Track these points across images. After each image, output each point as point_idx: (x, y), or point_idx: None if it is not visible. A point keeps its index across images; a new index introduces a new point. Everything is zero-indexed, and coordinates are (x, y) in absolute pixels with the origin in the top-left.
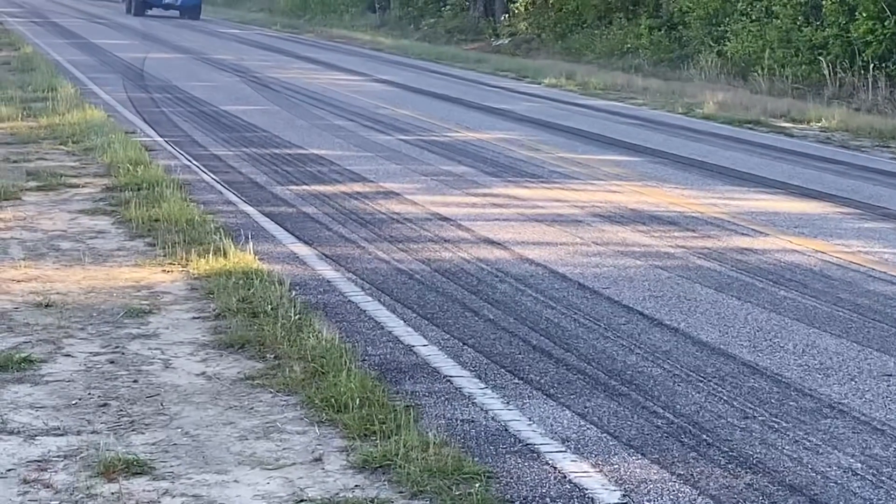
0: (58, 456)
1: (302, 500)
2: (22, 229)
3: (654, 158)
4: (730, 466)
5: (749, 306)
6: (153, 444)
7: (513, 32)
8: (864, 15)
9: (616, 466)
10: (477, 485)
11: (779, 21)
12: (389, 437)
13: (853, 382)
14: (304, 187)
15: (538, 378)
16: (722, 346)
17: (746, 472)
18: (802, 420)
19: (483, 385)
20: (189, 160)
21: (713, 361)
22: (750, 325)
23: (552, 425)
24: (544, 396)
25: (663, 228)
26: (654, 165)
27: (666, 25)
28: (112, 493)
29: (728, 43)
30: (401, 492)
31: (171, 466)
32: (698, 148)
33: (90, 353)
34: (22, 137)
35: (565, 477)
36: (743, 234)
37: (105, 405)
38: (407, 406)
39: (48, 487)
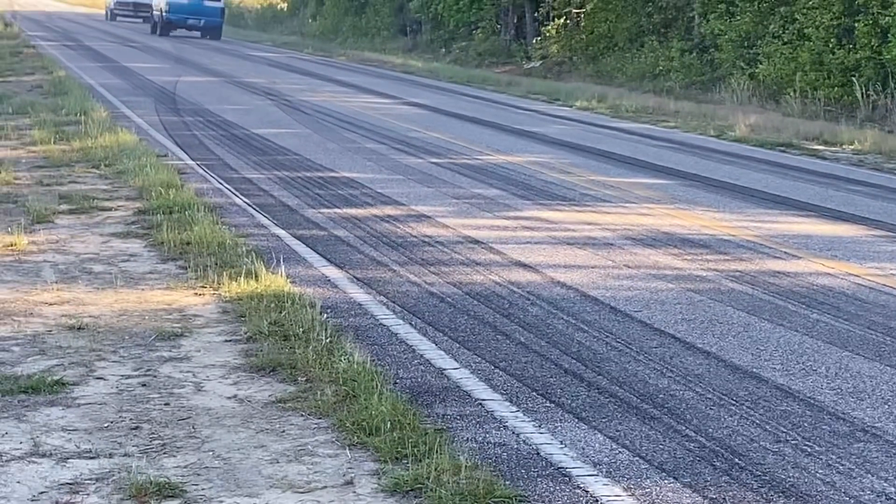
0: (90, 479)
1: None
2: (55, 252)
3: (686, 181)
4: (762, 490)
5: (782, 329)
6: (185, 467)
7: (544, 55)
8: None
9: (648, 490)
10: None
11: (811, 43)
12: (421, 461)
13: (887, 406)
14: (336, 210)
15: (570, 401)
16: (754, 370)
17: (779, 497)
18: (835, 444)
19: (515, 408)
20: (221, 183)
21: (746, 385)
22: (782, 348)
23: (584, 449)
24: (576, 420)
25: (695, 251)
26: (686, 188)
27: (697, 48)
28: None
29: (760, 65)
30: None
31: (203, 490)
32: (730, 171)
33: (122, 375)
34: (55, 161)
35: (597, 501)
36: (775, 257)
37: (137, 428)
38: (438, 429)
39: None
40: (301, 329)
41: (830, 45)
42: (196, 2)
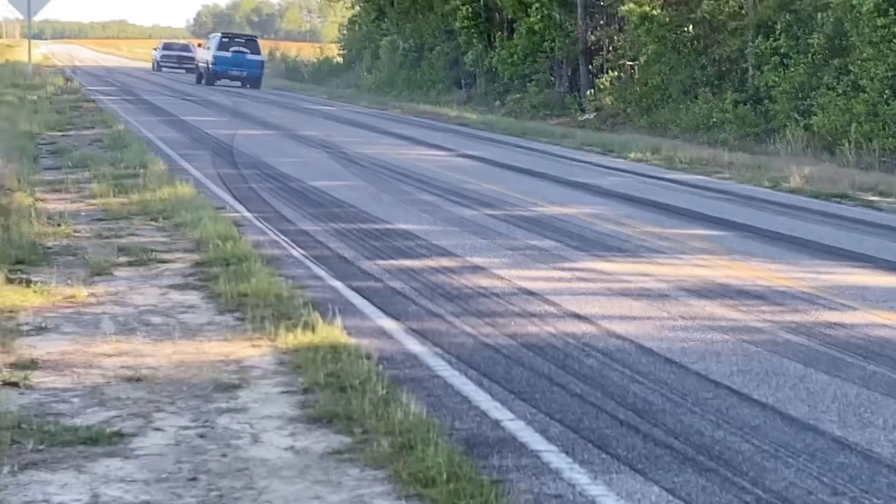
0: None
1: None
2: (113, 304)
3: (741, 232)
4: None
5: (838, 381)
6: None
7: (598, 107)
8: None
9: None
10: None
11: (866, 95)
12: None
13: None
14: (392, 262)
15: (626, 453)
16: (811, 422)
17: None
18: (893, 496)
19: (570, 460)
20: (277, 235)
21: (802, 437)
22: (839, 400)
23: (640, 500)
24: (632, 471)
25: (751, 303)
26: (742, 240)
27: (751, 100)
28: None
29: (814, 117)
30: None
31: None
32: (785, 222)
33: (180, 427)
34: (114, 213)
35: None
36: (831, 308)
37: (194, 479)
38: (494, 481)
39: None
40: (357, 380)
41: (885, 96)
42: (239, 56)
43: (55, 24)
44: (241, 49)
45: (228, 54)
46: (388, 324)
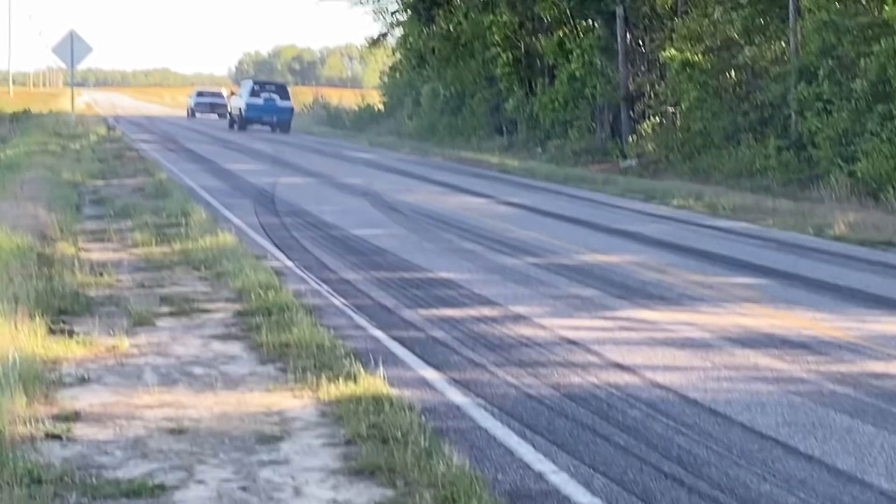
0: None
1: None
2: (156, 355)
3: (784, 281)
4: None
5: (885, 433)
6: None
7: (640, 153)
8: None
9: None
10: None
11: None
12: None
13: None
14: (433, 311)
15: None
16: (858, 475)
17: None
18: None
19: None
20: (319, 284)
21: (849, 490)
22: (887, 452)
23: None
24: None
25: (795, 353)
26: (786, 288)
27: (795, 146)
28: None
29: (859, 163)
30: None
31: None
32: (830, 270)
33: (222, 479)
34: (156, 263)
35: None
36: (877, 358)
37: None
38: None
39: None
40: (400, 432)
41: None
42: (270, 103)
43: (98, 72)
44: (272, 96)
45: (260, 101)
46: (431, 374)
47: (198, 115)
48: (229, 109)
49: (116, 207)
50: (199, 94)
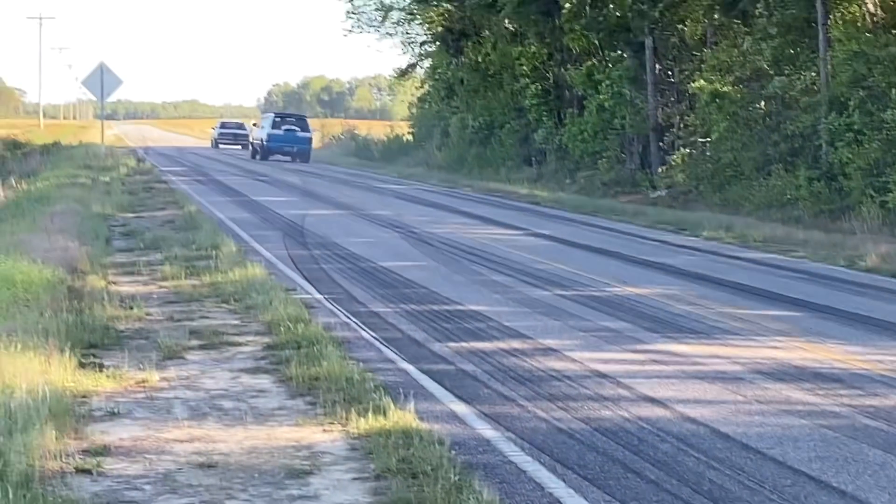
0: None
1: None
2: (185, 388)
3: (816, 313)
4: None
5: None
6: None
7: (670, 184)
8: None
9: None
10: None
11: None
12: None
13: None
14: (463, 344)
15: None
16: None
17: None
18: None
19: None
20: (348, 317)
21: None
22: None
23: None
24: None
25: (828, 386)
26: (817, 321)
27: (825, 176)
28: None
29: (890, 194)
30: None
31: None
32: (862, 302)
33: None
34: (185, 296)
35: None
36: None
37: None
38: None
39: None
40: (429, 466)
41: None
42: (290, 134)
43: (127, 104)
44: (292, 127)
45: (281, 132)
46: (460, 408)
47: (221, 145)
48: (251, 140)
49: (146, 240)
50: (223, 125)
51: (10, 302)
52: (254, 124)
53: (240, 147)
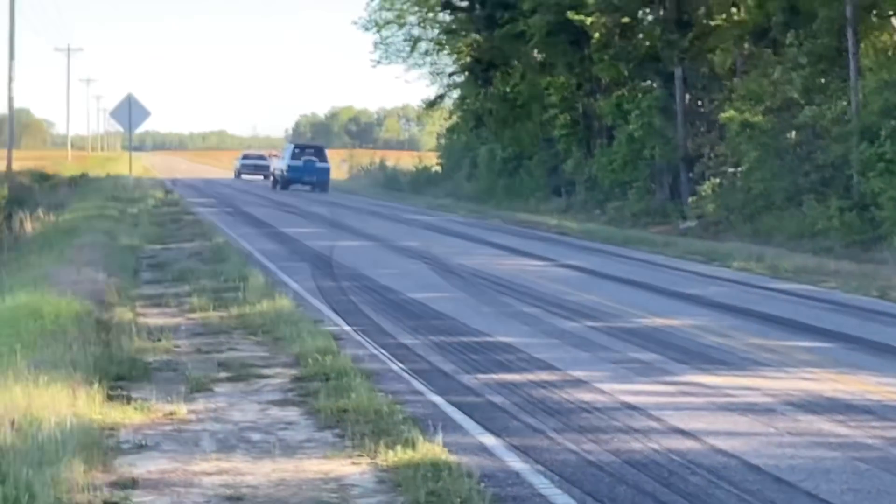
0: None
1: None
2: (213, 421)
3: (848, 344)
4: None
5: None
6: None
7: (700, 215)
8: None
9: None
10: None
11: None
12: None
13: None
14: (492, 376)
15: None
16: None
17: None
18: None
19: None
20: (377, 349)
21: None
22: None
23: None
24: None
25: (860, 418)
26: (849, 352)
27: (857, 206)
28: None
29: None
30: None
31: None
32: (894, 333)
33: None
34: (213, 328)
35: None
36: None
37: None
38: None
39: None
40: (459, 499)
41: None
42: (309, 165)
43: (155, 135)
44: (311, 158)
45: (300, 163)
46: (489, 440)
47: (243, 175)
48: (272, 170)
49: (174, 272)
50: (245, 156)
51: (38, 334)
52: (273, 155)
53: (261, 177)
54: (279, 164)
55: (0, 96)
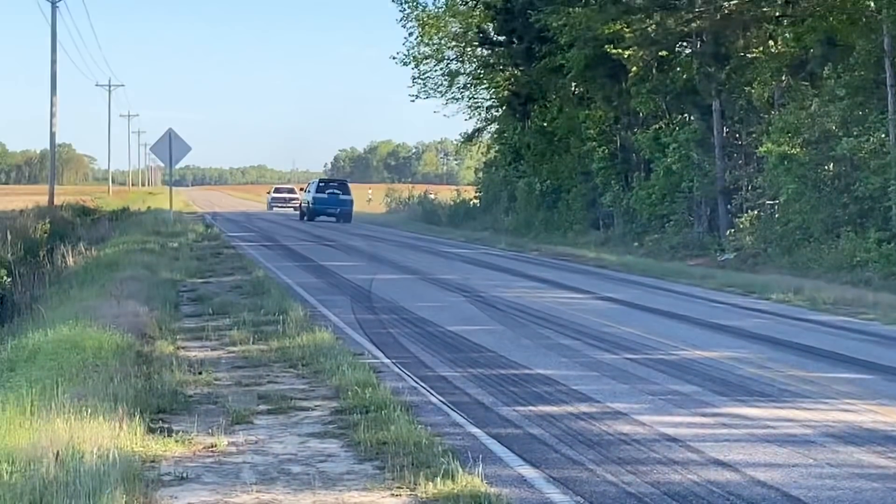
0: None
1: None
2: (253, 453)
3: (888, 376)
4: None
5: None
6: None
7: (738, 247)
8: None
9: None
10: None
11: None
12: None
13: None
14: (531, 408)
15: None
16: None
17: None
18: None
19: None
20: (416, 382)
21: None
22: None
23: None
24: None
25: None
26: (889, 383)
27: None
28: None
29: None
30: None
31: None
32: None
33: None
34: (253, 361)
35: None
36: None
37: None
38: None
39: None
40: None
41: None
42: (333, 197)
43: (195, 170)
44: (335, 191)
45: (325, 195)
46: (529, 472)
47: (274, 208)
48: (300, 203)
49: (214, 305)
50: (276, 190)
51: (80, 367)
52: (300, 189)
53: (292, 209)
54: (306, 197)
55: (42, 132)
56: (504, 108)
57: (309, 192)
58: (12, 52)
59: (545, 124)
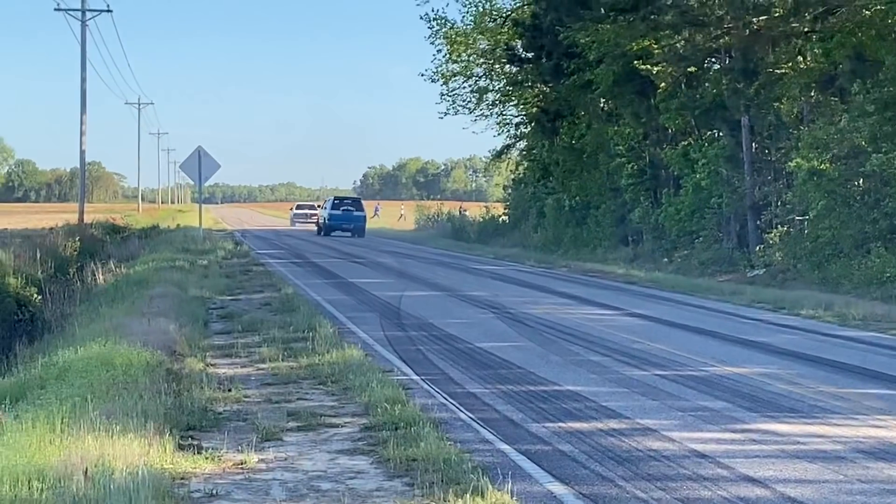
0: None
1: None
2: (283, 470)
3: None
4: None
5: None
6: None
7: (767, 263)
8: None
9: None
10: None
11: None
12: None
13: None
14: (560, 424)
15: None
16: None
17: None
18: None
19: None
20: (445, 398)
21: None
22: None
23: None
24: None
25: None
26: None
27: None
28: None
29: None
30: None
31: None
32: None
33: None
34: (283, 377)
35: None
36: None
37: None
38: None
39: None
40: None
41: None
42: (347, 213)
43: (224, 188)
44: (349, 208)
45: (339, 212)
46: (558, 488)
47: (296, 223)
48: (317, 219)
49: (244, 322)
50: (298, 206)
51: (109, 384)
52: (318, 206)
53: (313, 224)
54: (322, 213)
55: (72, 150)
56: (533, 124)
57: (325, 208)
58: (42, 70)
59: (574, 141)
